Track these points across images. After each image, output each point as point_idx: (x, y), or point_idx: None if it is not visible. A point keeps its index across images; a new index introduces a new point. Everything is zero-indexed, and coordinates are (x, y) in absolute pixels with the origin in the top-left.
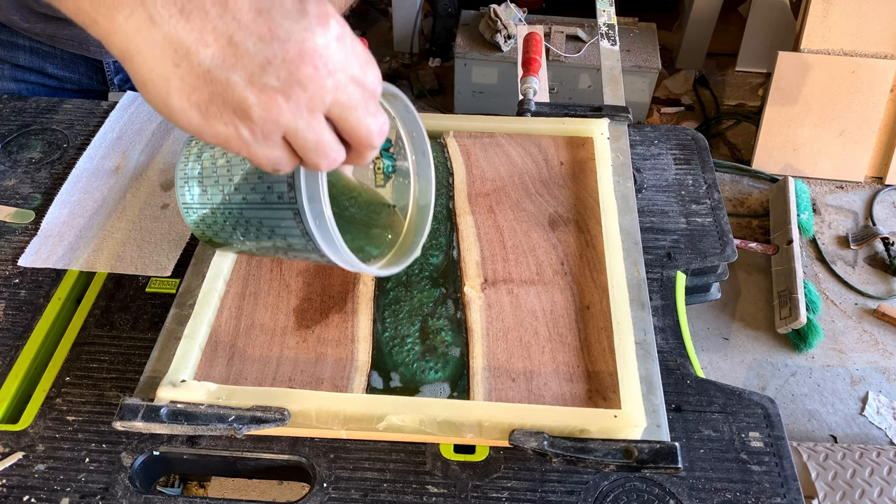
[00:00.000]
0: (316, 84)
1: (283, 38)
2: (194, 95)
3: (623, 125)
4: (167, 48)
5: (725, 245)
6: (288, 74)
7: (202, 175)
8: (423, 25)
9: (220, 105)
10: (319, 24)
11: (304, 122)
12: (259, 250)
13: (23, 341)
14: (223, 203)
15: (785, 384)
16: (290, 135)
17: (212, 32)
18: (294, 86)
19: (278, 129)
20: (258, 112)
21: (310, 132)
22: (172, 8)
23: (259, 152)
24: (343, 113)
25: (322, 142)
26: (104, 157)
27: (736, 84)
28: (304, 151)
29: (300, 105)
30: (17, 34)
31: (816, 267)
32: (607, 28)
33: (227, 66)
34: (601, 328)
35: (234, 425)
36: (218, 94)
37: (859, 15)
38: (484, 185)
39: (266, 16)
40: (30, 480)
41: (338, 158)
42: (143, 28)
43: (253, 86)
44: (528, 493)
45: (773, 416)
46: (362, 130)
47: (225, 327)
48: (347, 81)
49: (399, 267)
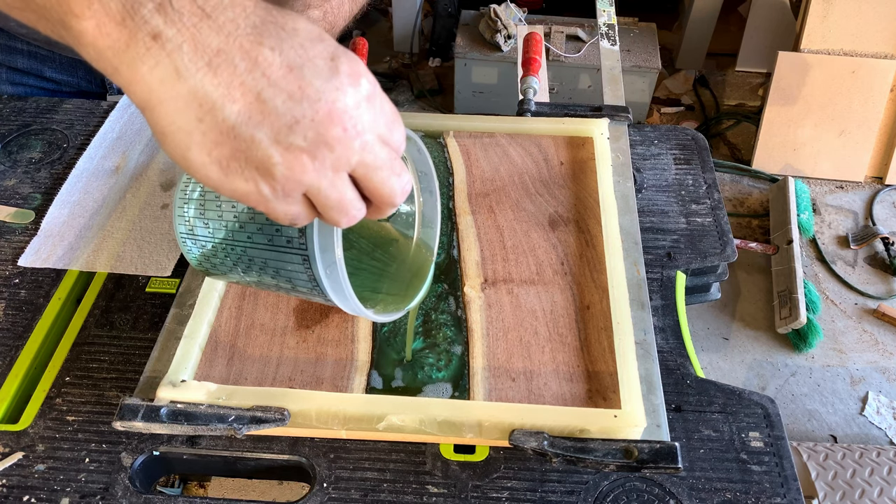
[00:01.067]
0: (343, 145)
1: (314, 97)
2: (216, 151)
3: (623, 125)
4: (192, 102)
5: (725, 245)
6: (316, 135)
7: (204, 208)
8: (423, 25)
9: (242, 162)
10: (351, 84)
11: (327, 182)
12: (259, 286)
13: (23, 341)
14: (226, 239)
15: (785, 384)
16: (311, 193)
17: (239, 88)
18: (321, 146)
19: (300, 188)
20: (281, 171)
21: (333, 191)
22: (200, 61)
23: (278, 208)
24: (368, 173)
25: (344, 201)
26: (104, 157)
27: (736, 84)
28: (325, 209)
29: (325, 165)
30: (14, 38)
31: (816, 267)
32: (607, 28)
33: (253, 123)
34: (601, 328)
35: (234, 425)
36: (241, 150)
37: (859, 15)
38: (484, 185)
39: (297, 73)
40: (30, 480)
41: (358, 216)
42: (167, 80)
43: (279, 144)
44: (528, 493)
45: (773, 416)
46: (386, 191)
47: (225, 327)
48: (375, 141)
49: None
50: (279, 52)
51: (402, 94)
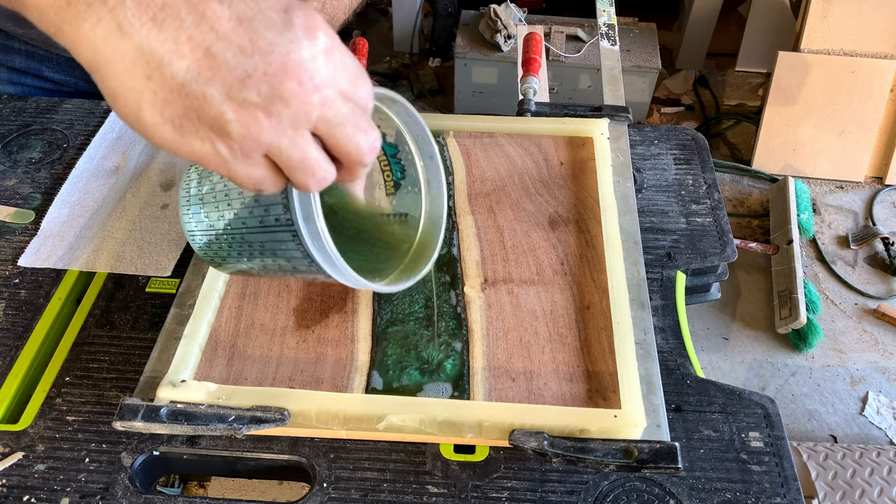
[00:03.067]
0: (300, 100)
1: (266, 50)
2: (168, 110)
3: (623, 125)
4: (138, 59)
5: (725, 245)
6: (270, 89)
7: (203, 201)
8: (423, 25)
9: (195, 121)
10: (306, 37)
11: (287, 140)
12: (266, 272)
13: (23, 341)
14: (225, 228)
15: (785, 384)
16: (273, 153)
17: (187, 43)
18: (276, 101)
19: (259, 147)
20: (237, 129)
21: (294, 150)
22: (144, 16)
23: (239, 170)
24: (331, 130)
25: (308, 160)
26: (104, 157)
27: (736, 84)
28: (289, 171)
29: (283, 122)
30: (12, 38)
31: (816, 267)
32: (607, 28)
33: (203, 79)
34: (601, 328)
35: (234, 425)
36: (193, 109)
37: (859, 15)
38: (484, 184)
39: (248, 25)
40: (30, 480)
41: (327, 177)
42: (111, 37)
43: (232, 101)
44: (528, 493)
45: (773, 416)
46: (352, 148)
47: (225, 327)
48: (335, 97)
49: (410, 281)
50: (228, 5)
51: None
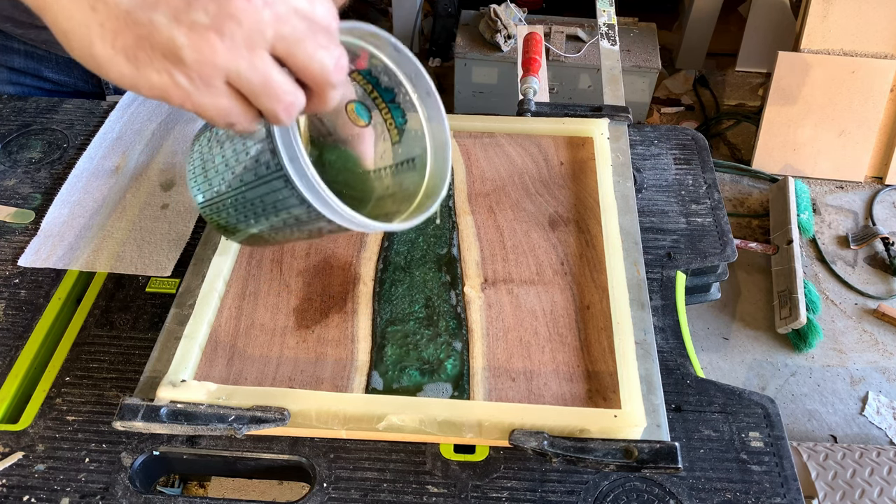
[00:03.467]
0: (250, 17)
1: None
2: (119, 41)
3: (623, 125)
4: None
5: (725, 245)
6: (217, 8)
7: (205, 168)
8: (423, 25)
9: (147, 50)
10: None
11: (245, 63)
12: (276, 235)
13: (23, 341)
14: (228, 191)
15: (785, 384)
16: (233, 79)
17: None
18: (227, 20)
19: (217, 73)
20: (190, 54)
21: (254, 73)
22: None
23: (203, 101)
24: (290, 48)
25: (271, 83)
26: (104, 157)
27: (736, 84)
28: (253, 97)
29: (237, 42)
30: (11, 38)
31: (816, 267)
32: (607, 28)
33: (148, 4)
34: (601, 328)
35: (234, 425)
36: (143, 37)
37: (859, 15)
38: (484, 184)
39: None
40: (30, 480)
41: (295, 102)
42: None
43: (180, 24)
44: (528, 493)
45: (773, 416)
46: (315, 66)
47: (225, 327)
48: (289, 13)
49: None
50: None
51: None
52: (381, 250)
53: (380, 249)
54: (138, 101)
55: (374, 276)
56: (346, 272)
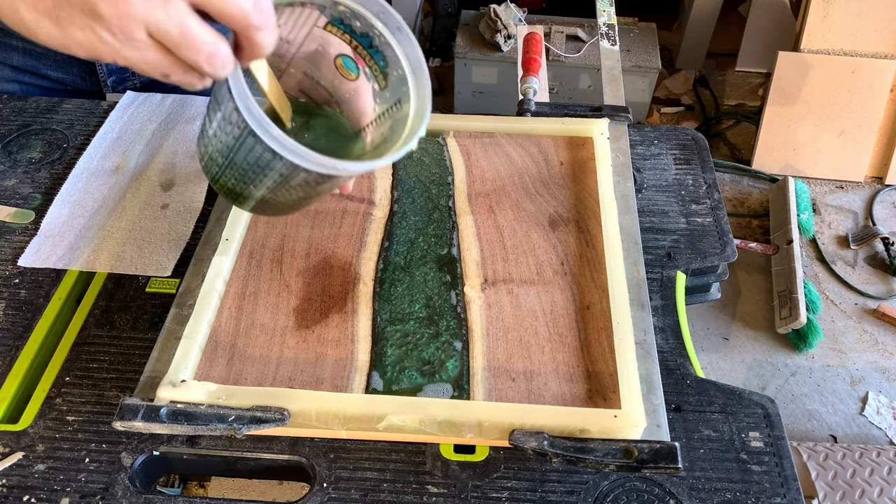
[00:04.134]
0: None
1: None
2: (40, 4)
3: (623, 125)
4: None
5: (725, 245)
6: None
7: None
8: (423, 25)
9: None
10: None
11: (161, 13)
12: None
13: (23, 341)
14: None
15: (785, 384)
16: (153, 31)
17: None
18: None
19: (136, 25)
20: (106, 9)
21: (171, 24)
22: None
23: (131, 55)
24: None
25: (189, 33)
26: (104, 157)
27: (736, 84)
28: (175, 48)
29: None
30: (9, 35)
31: (816, 267)
32: (607, 28)
33: None
34: (601, 328)
35: (234, 425)
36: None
37: (859, 15)
38: (484, 185)
39: None
40: (30, 480)
41: (221, 55)
42: None
43: None
44: (528, 493)
45: (773, 416)
46: (233, 9)
47: (225, 327)
48: None
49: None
50: None
51: None
52: (381, 250)
53: (380, 249)
54: (138, 101)
55: (374, 275)
56: (346, 272)
